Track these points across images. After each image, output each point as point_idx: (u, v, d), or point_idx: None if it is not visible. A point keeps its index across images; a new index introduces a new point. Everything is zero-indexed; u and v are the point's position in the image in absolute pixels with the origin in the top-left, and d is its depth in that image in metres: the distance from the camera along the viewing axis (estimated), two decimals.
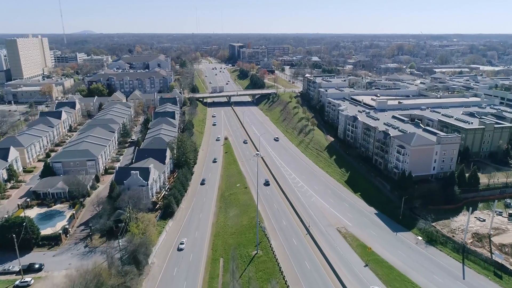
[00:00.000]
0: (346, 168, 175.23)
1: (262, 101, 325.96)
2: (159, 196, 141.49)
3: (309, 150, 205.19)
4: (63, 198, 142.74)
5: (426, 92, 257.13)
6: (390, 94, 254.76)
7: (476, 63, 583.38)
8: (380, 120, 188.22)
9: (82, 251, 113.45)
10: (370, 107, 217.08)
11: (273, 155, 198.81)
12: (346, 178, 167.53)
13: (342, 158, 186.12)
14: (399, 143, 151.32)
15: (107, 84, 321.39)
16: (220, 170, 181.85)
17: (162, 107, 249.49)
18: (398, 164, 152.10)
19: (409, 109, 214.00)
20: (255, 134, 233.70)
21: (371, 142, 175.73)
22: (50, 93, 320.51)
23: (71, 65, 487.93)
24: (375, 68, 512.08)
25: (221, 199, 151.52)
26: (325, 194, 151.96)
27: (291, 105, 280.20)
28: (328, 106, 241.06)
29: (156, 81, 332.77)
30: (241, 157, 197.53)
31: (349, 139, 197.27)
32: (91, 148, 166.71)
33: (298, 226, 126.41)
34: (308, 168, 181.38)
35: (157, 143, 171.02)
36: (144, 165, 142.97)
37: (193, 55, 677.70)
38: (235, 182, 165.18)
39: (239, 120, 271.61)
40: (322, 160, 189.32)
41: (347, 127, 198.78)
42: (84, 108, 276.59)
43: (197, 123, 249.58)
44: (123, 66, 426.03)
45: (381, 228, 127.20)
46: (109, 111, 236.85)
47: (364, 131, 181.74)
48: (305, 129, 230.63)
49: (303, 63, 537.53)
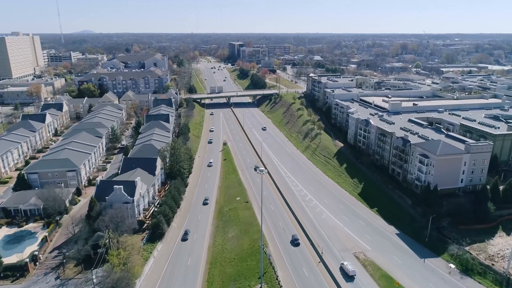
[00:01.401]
0: (359, 178, 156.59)
1: (263, 102, 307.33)
2: (147, 214, 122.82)
3: (316, 156, 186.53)
4: (37, 215, 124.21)
5: (441, 92, 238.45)
6: (401, 95, 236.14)
7: (484, 62, 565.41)
8: (395, 125, 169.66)
9: (52, 284, 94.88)
10: (382, 110, 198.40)
11: (277, 162, 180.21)
12: (360, 190, 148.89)
13: (353, 167, 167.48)
14: (422, 151, 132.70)
15: (98, 84, 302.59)
16: (218, 180, 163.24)
17: (156, 109, 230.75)
18: (420, 175, 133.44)
19: (425, 111, 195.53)
20: (257, 140, 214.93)
21: (386, 149, 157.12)
22: (38, 94, 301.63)
23: (64, 65, 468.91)
24: (380, 67, 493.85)
25: (218, 216, 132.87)
26: (337, 209, 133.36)
27: (295, 107, 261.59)
28: (336, 108, 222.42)
29: (151, 81, 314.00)
30: (241, 164, 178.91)
31: (360, 145, 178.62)
32: (73, 156, 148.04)
33: (309, 252, 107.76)
34: (316, 178, 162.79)
35: (147, 150, 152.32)
36: (130, 178, 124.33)
37: (192, 54, 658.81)
38: (234, 195, 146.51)
39: (239, 123, 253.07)
40: (331, 169, 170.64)
41: (358, 132, 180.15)
42: (73, 110, 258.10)
43: (193, 126, 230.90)
44: (117, 65, 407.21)
45: (406, 253, 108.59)
46: (98, 113, 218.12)
47: (378, 136, 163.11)
48: (311, 133, 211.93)
49: (305, 62, 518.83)
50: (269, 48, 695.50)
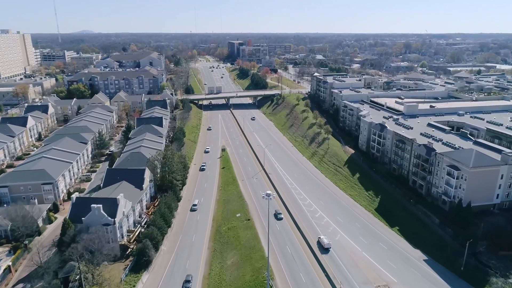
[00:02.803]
0: (375, 190, 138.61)
1: (265, 103, 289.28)
2: (132, 236, 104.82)
3: (325, 164, 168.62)
4: (3, 238, 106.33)
5: (457, 93, 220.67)
6: (415, 96, 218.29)
7: (490, 62, 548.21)
8: (414, 129, 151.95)
9: None
10: (396, 112, 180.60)
11: (281, 171, 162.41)
12: (377, 204, 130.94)
13: (367, 177, 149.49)
14: (451, 162, 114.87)
15: (89, 84, 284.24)
16: (215, 192, 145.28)
17: (149, 111, 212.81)
18: (449, 190, 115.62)
19: (444, 114, 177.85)
20: (259, 145, 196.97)
21: (406, 158, 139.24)
22: (25, 95, 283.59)
23: (57, 64, 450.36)
24: (385, 67, 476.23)
25: (215, 237, 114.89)
26: (353, 229, 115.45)
27: (299, 108, 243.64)
28: (344, 110, 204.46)
29: (146, 81, 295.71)
30: (241, 173, 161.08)
31: (374, 152, 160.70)
32: (50, 167, 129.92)
33: (325, 286, 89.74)
34: (326, 190, 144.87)
35: (135, 160, 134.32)
36: (112, 194, 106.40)
37: (190, 53, 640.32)
38: (234, 211, 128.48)
39: (238, 126, 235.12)
40: (342, 179, 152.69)
41: (372, 137, 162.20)
42: (61, 112, 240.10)
43: (189, 130, 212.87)
44: (111, 65, 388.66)
45: (439, 286, 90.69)
46: (85, 116, 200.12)
47: (395, 143, 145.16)
48: (318, 137, 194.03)
49: (307, 61, 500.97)
50: (270, 47, 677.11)
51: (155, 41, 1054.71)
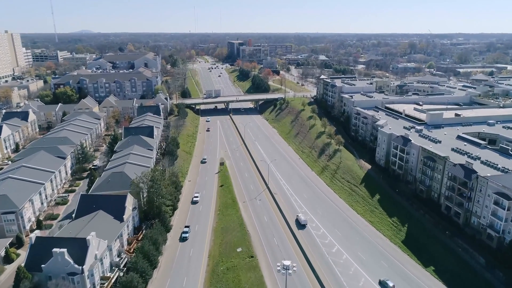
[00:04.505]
0: (400, 216, 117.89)
1: (267, 108, 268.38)
2: (107, 286, 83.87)
3: (338, 182, 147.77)
4: None
5: (481, 99, 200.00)
6: (434, 101, 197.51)
7: (500, 62, 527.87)
8: (442, 143, 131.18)
9: None
10: (418, 122, 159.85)
11: (288, 190, 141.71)
12: (404, 235, 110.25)
13: (389, 199, 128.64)
14: (499, 189, 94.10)
15: (77, 87, 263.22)
16: (212, 217, 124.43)
17: (140, 119, 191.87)
18: (496, 222, 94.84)
19: (472, 124, 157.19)
20: (262, 159, 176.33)
21: (437, 179, 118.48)
22: (8, 99, 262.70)
23: (48, 65, 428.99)
24: (392, 67, 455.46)
25: (211, 280, 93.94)
26: (380, 270, 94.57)
27: (305, 115, 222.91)
28: (357, 118, 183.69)
29: (139, 83, 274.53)
30: (242, 193, 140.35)
31: (395, 169, 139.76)
32: (14, 191, 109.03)
33: None
34: (342, 215, 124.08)
35: (117, 182, 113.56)
36: (82, 232, 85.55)
37: (188, 53, 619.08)
38: (234, 243, 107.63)
39: (239, 134, 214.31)
40: (359, 201, 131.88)
41: (392, 151, 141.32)
42: (44, 118, 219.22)
43: (184, 140, 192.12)
44: (104, 66, 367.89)
45: None
46: (67, 124, 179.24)
47: (423, 160, 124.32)
48: (328, 149, 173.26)
49: (310, 62, 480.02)
50: (270, 48, 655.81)
51: (154, 41, 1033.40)
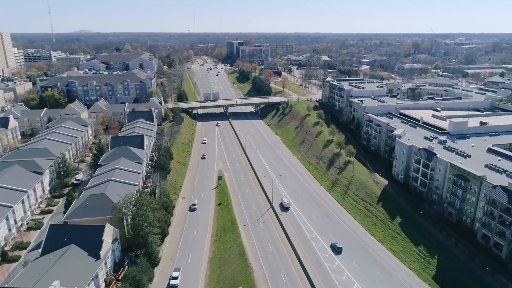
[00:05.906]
0: (427, 245, 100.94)
1: (269, 112, 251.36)
2: None
3: (351, 200, 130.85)
4: None
5: (504, 104, 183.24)
6: (452, 107, 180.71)
7: (508, 63, 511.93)
8: (472, 158, 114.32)
9: None
10: (439, 131, 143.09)
11: (295, 210, 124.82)
12: (434, 269, 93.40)
13: (412, 222, 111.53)
14: None
15: (66, 90, 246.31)
16: (208, 245, 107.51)
17: (130, 126, 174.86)
18: None
19: (500, 133, 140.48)
20: (265, 172, 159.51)
21: (470, 201, 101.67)
22: None
23: (40, 65, 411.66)
24: (397, 68, 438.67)
25: None
26: None
27: (310, 120, 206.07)
28: (368, 125, 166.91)
29: (132, 86, 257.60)
30: (243, 214, 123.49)
31: (417, 186, 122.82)
32: None
33: None
34: (359, 242, 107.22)
35: (97, 206, 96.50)
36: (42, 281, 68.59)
37: (186, 53, 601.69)
38: (234, 280, 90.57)
39: (239, 142, 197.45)
40: (377, 224, 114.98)
41: (414, 166, 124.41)
42: (28, 125, 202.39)
43: (179, 149, 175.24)
44: (97, 67, 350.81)
45: None
46: (50, 133, 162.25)
47: (452, 178, 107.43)
48: (338, 160, 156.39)
49: (313, 63, 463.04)
50: (271, 48, 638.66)
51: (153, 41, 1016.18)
